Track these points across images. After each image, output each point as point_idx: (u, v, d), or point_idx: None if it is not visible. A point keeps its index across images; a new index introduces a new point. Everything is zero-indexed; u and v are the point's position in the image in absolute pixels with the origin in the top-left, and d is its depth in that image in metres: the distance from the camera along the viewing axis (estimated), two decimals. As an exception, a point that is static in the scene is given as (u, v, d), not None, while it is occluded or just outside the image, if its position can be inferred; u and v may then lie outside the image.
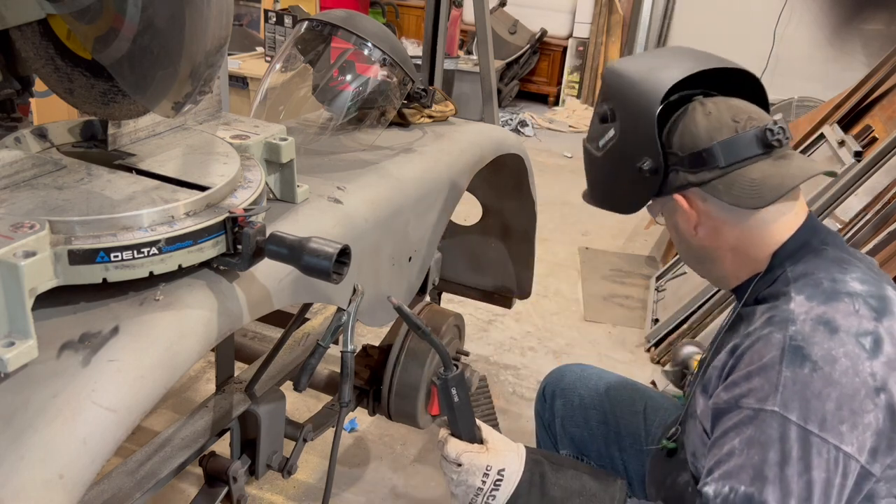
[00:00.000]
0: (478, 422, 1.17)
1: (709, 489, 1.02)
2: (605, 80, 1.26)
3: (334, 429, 1.30)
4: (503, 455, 1.14)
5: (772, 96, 1.13)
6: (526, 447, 1.18)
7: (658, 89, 1.16)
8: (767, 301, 1.13)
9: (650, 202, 1.24)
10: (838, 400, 0.98)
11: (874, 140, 2.82)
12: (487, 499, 1.12)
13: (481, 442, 1.15)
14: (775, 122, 1.14)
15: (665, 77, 1.17)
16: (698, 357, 1.71)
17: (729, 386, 1.07)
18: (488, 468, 1.12)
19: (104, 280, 0.88)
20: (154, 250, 0.90)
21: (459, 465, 1.12)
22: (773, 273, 1.15)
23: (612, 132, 1.22)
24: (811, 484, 0.97)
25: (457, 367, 1.14)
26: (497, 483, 1.11)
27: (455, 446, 1.14)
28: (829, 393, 0.98)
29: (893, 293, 1.09)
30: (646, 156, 1.17)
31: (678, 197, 1.18)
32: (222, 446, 1.45)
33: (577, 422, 1.58)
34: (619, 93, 1.22)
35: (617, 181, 1.25)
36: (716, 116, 1.14)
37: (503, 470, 1.12)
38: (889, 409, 0.99)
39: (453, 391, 1.12)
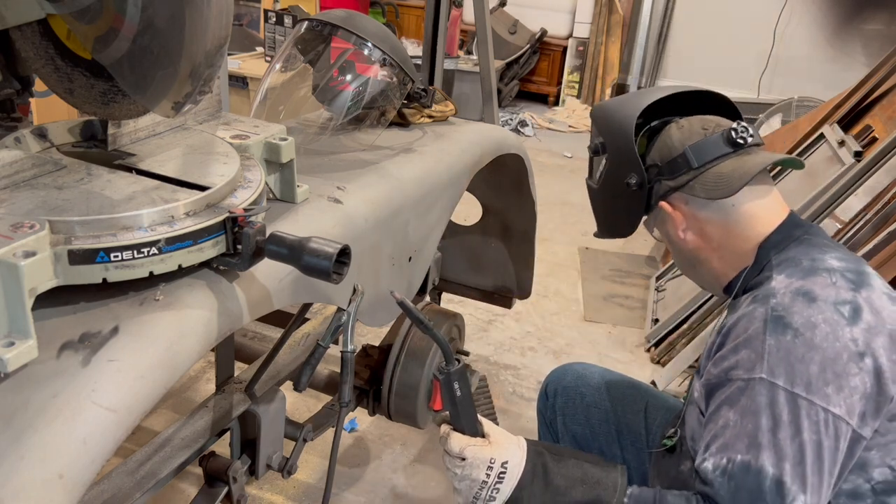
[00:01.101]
0: (478, 416, 1.18)
1: (707, 464, 1.05)
2: (593, 118, 1.40)
3: (334, 429, 1.30)
4: (506, 447, 1.15)
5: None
6: (526, 439, 1.19)
7: (634, 110, 1.30)
8: (754, 289, 1.18)
9: (644, 218, 1.35)
10: (821, 363, 1.02)
11: (874, 140, 2.82)
12: (492, 492, 1.13)
13: (483, 436, 1.16)
14: (739, 123, 1.25)
15: (641, 101, 1.31)
16: None
17: (717, 361, 1.12)
18: (492, 461, 1.13)
19: (104, 280, 0.88)
20: (154, 250, 0.90)
21: (463, 459, 1.13)
22: (759, 264, 1.21)
23: (603, 162, 1.35)
24: (803, 445, 1.00)
25: (458, 361, 1.14)
26: (501, 476, 1.13)
27: (458, 441, 1.14)
28: (812, 357, 1.02)
29: (871, 270, 1.15)
30: (631, 172, 1.29)
31: (664, 204, 1.29)
32: (222, 446, 1.45)
33: (579, 420, 1.59)
34: (605, 123, 1.35)
35: (613, 205, 1.37)
36: (687, 128, 1.27)
37: (506, 462, 1.13)
38: (875, 372, 1.03)
39: (456, 385, 1.13)
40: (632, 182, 1.29)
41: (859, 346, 1.03)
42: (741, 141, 1.23)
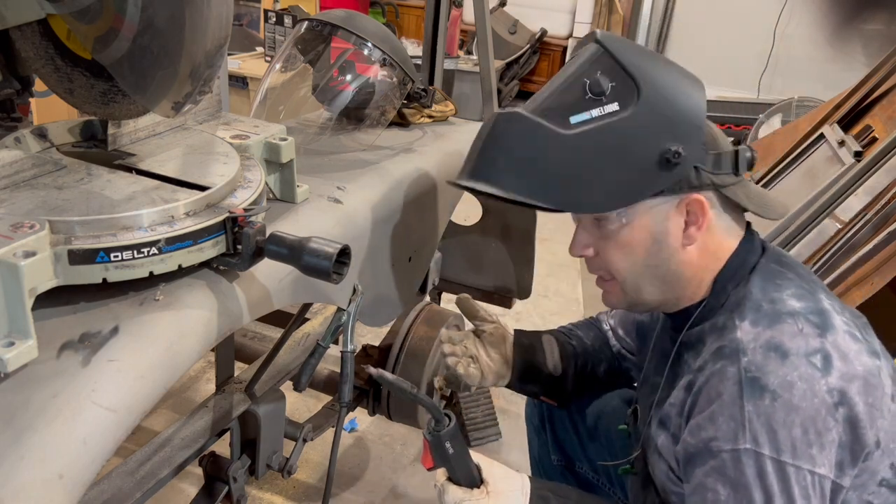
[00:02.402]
0: (475, 457, 1.12)
1: None
2: (613, 51, 1.06)
3: (334, 429, 1.30)
4: (506, 497, 1.10)
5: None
6: (531, 480, 1.14)
7: (698, 81, 1.09)
8: (713, 331, 1.10)
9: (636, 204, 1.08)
10: (803, 424, 0.98)
11: (874, 140, 2.82)
12: None
13: (481, 482, 1.11)
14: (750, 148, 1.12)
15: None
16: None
17: (694, 429, 1.05)
18: None
19: (104, 280, 0.88)
20: (154, 250, 0.90)
21: None
22: (716, 297, 1.12)
23: (613, 108, 1.03)
24: None
25: (449, 418, 1.08)
26: None
27: (454, 494, 1.09)
28: (794, 419, 0.98)
29: (828, 303, 1.08)
30: (679, 141, 1.03)
31: (698, 198, 1.07)
32: (222, 446, 1.44)
33: (568, 427, 1.57)
34: (652, 68, 1.06)
35: (598, 169, 1.05)
36: (711, 124, 1.11)
37: None
38: (848, 421, 0.99)
39: (447, 444, 1.08)
40: (674, 150, 1.02)
41: (834, 396, 0.99)
42: (750, 169, 1.11)
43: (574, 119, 1.04)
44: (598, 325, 1.56)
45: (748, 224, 1.17)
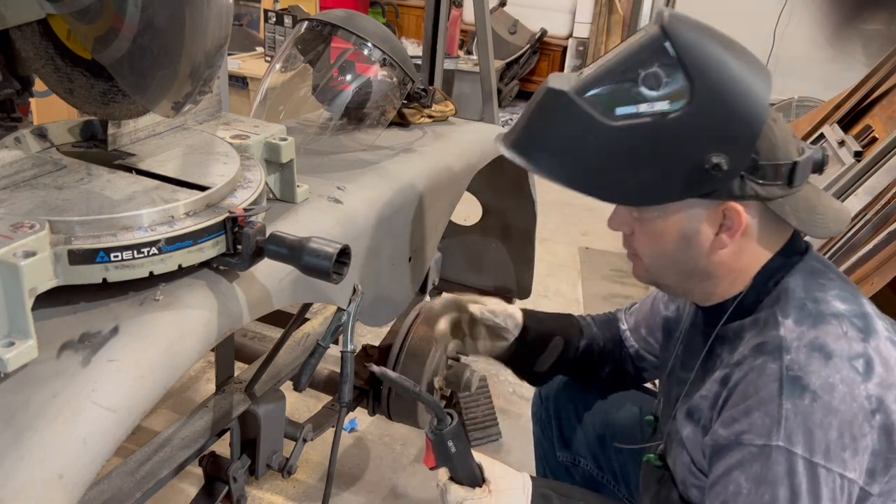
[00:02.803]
0: (477, 456, 1.12)
1: None
2: (676, 43, 0.98)
3: (334, 429, 1.30)
4: (507, 496, 1.10)
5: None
6: (532, 479, 1.14)
7: (768, 83, 1.00)
8: (753, 325, 1.09)
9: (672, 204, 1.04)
10: (839, 428, 0.96)
11: (874, 140, 2.81)
12: None
13: (483, 481, 1.11)
14: (822, 147, 1.06)
15: (765, 76, 1.01)
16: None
17: (727, 422, 1.04)
18: None
19: (104, 280, 0.88)
20: (154, 250, 0.90)
21: None
22: (756, 292, 1.10)
23: (662, 106, 0.98)
24: None
25: (451, 417, 1.09)
26: None
27: (456, 493, 1.09)
28: (831, 422, 0.96)
29: (870, 308, 1.07)
30: (725, 152, 0.97)
31: (736, 207, 1.02)
32: (222, 446, 1.44)
33: (573, 423, 1.57)
34: (716, 65, 0.98)
35: (635, 165, 1.01)
36: (781, 127, 1.03)
37: None
38: (884, 429, 0.99)
39: (450, 443, 1.08)
40: (716, 163, 0.97)
41: (872, 403, 0.98)
42: (819, 173, 1.05)
43: (620, 111, 0.99)
44: (615, 324, 1.54)
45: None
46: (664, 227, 1.08)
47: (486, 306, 1.42)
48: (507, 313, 1.43)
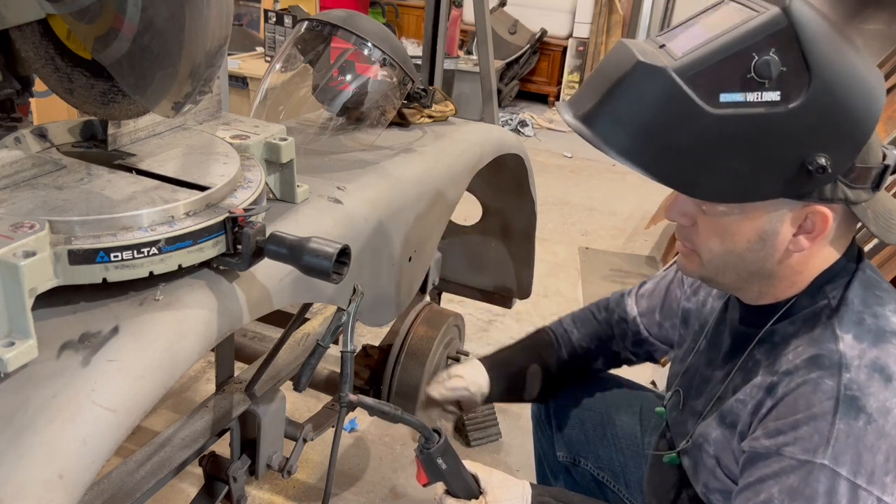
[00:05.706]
0: (473, 467, 1.12)
1: None
2: (800, 29, 0.90)
3: (334, 429, 1.30)
4: None
5: None
6: (532, 486, 1.13)
7: (882, 83, 0.93)
8: (804, 333, 1.04)
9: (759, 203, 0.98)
10: (887, 452, 0.94)
11: (874, 140, 2.81)
12: None
13: (480, 494, 1.10)
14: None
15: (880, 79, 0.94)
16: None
17: (772, 432, 1.00)
18: None
19: (104, 280, 0.88)
20: (154, 250, 0.90)
21: None
22: (811, 297, 1.05)
23: (773, 97, 0.89)
24: None
25: (438, 434, 1.08)
26: None
27: None
28: (880, 446, 0.94)
29: None
30: (830, 153, 0.90)
31: (823, 210, 0.97)
32: (222, 446, 1.45)
33: (574, 423, 1.57)
34: (837, 61, 0.91)
35: (729, 158, 0.92)
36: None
37: None
38: None
39: (439, 461, 1.08)
40: (820, 164, 0.90)
41: None
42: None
43: (724, 97, 0.90)
44: (615, 310, 1.52)
45: None
46: (739, 225, 1.00)
47: (443, 384, 1.46)
48: (469, 380, 1.47)
